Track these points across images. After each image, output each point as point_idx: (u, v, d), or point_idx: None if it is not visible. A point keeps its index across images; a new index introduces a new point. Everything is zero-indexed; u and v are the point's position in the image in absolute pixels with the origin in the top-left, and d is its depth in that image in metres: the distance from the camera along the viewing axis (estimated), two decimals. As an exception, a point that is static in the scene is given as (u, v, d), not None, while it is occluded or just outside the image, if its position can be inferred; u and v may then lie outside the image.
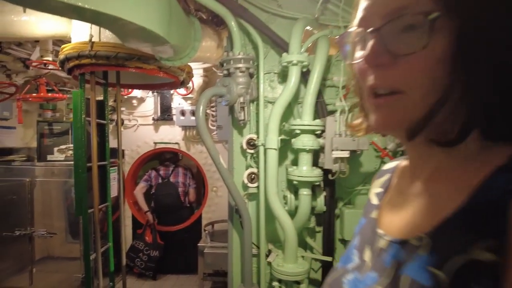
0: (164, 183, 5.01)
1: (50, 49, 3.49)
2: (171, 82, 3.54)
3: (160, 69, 2.92)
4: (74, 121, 3.00)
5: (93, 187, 3.09)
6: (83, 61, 2.74)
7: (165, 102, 4.92)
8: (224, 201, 4.91)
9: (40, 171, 4.27)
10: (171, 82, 3.54)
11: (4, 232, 4.23)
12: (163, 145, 5.02)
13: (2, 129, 4.70)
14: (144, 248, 4.82)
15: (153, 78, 3.60)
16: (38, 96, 3.63)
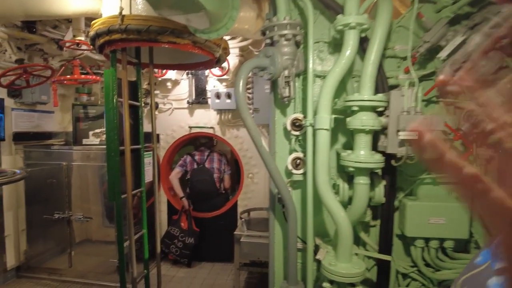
0: (199, 169, 4.85)
1: (82, 28, 3.36)
2: (206, 61, 3.30)
3: (195, 44, 2.67)
4: (106, 102, 2.84)
5: (126, 171, 2.93)
6: (113, 36, 2.55)
7: (200, 84, 4.71)
8: (260, 188, 4.67)
9: (76, 155, 4.25)
10: (206, 61, 3.30)
11: (45, 215, 4.28)
12: (198, 129, 4.84)
13: (42, 113, 4.73)
14: (179, 235, 4.71)
15: (187, 57, 3.39)
16: (72, 78, 3.53)
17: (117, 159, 2.88)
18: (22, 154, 4.35)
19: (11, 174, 1.80)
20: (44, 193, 4.36)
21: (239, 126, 4.71)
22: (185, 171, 4.94)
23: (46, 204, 4.35)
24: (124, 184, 3.01)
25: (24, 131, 4.43)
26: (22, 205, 4.43)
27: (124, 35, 2.50)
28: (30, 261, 4.48)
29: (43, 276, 4.38)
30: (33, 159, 4.36)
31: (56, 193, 4.29)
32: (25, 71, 3.50)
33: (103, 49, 2.81)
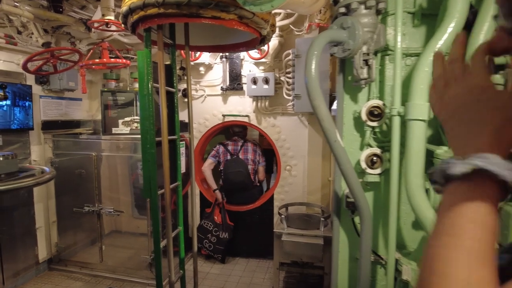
0: (233, 160, 4.55)
1: (111, 7, 3.05)
2: (247, 40, 2.93)
3: (241, 20, 2.31)
4: (140, 87, 2.53)
5: (163, 165, 2.64)
6: (149, 11, 2.22)
7: (235, 69, 4.35)
8: (299, 181, 4.33)
9: (105, 145, 4.02)
10: (249, 41, 2.93)
11: (75, 207, 4.11)
12: (232, 118, 4.50)
13: (69, 100, 4.52)
14: (213, 229, 4.46)
15: (225, 36, 3.04)
16: (101, 62, 3.25)
17: (153, 151, 2.60)
18: (51, 143, 4.17)
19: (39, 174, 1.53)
20: (74, 184, 4.18)
21: (276, 114, 4.34)
22: (217, 162, 4.65)
23: (75, 196, 4.18)
24: (160, 178, 2.73)
25: (53, 119, 4.24)
26: (52, 196, 4.28)
27: (161, 9, 2.17)
28: (61, 253, 4.36)
29: (74, 270, 4.24)
30: (61, 148, 4.17)
31: (85, 184, 4.10)
32: (52, 55, 3.24)
33: (136, 27, 2.49)
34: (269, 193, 4.66)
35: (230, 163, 4.53)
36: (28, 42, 3.63)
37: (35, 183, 1.34)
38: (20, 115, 3.70)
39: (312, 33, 3.94)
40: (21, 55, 3.70)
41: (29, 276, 4.05)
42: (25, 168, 1.69)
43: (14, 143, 3.77)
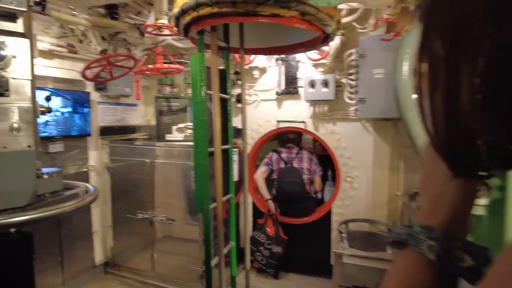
0: (287, 169, 4.26)
1: (164, 10, 2.94)
2: (309, 40, 2.64)
3: (303, 17, 2.03)
4: (193, 94, 2.35)
5: (216, 177, 2.44)
6: (201, 11, 2.02)
7: (291, 72, 4.07)
8: (361, 195, 3.92)
9: (159, 152, 3.97)
10: (309, 41, 2.64)
11: (128, 214, 4.11)
12: (287, 124, 4.22)
13: (125, 106, 4.57)
14: (265, 242, 4.21)
15: (282, 36, 2.78)
16: (154, 67, 3.17)
17: (206, 163, 2.40)
18: (108, 149, 4.23)
19: (82, 194, 1.39)
20: (128, 190, 4.20)
21: (336, 120, 3.97)
22: (270, 170, 4.40)
23: (130, 202, 4.20)
24: (212, 189, 2.53)
25: (109, 125, 4.31)
26: (109, 201, 4.34)
27: (215, 9, 1.97)
28: (115, 258, 4.41)
29: (127, 275, 4.26)
30: (117, 154, 4.21)
31: (139, 191, 4.09)
32: (108, 62, 3.24)
33: (188, 30, 2.32)
34: (326, 206, 4.30)
35: (284, 172, 4.25)
36: (87, 50, 3.69)
37: (75, 208, 1.19)
38: (80, 122, 3.78)
39: (378, 30, 3.52)
40: (82, 63, 3.77)
41: (86, 278, 4.14)
42: (70, 185, 1.57)
43: (74, 149, 3.87)
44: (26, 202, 1.29)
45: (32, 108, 1.27)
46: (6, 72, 1.20)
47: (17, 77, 1.23)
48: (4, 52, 1.20)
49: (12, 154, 1.22)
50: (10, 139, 1.22)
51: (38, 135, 1.29)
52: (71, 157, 3.84)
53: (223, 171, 2.70)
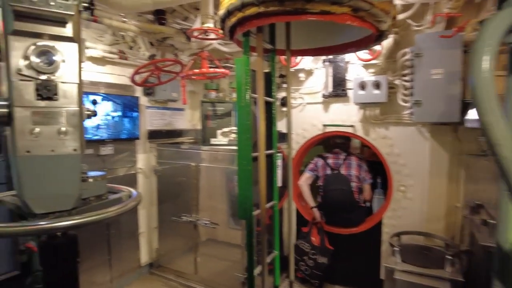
0: (334, 176, 4.06)
1: (210, 14, 2.93)
2: (360, 39, 2.47)
3: (356, 13, 1.88)
4: (238, 98, 2.29)
5: (259, 184, 2.35)
6: (247, 11, 1.95)
7: (339, 73, 3.88)
8: (416, 206, 3.62)
9: (204, 156, 3.98)
10: (361, 40, 2.46)
11: (173, 216, 4.17)
12: (334, 128, 4.04)
13: (173, 110, 4.66)
14: (310, 251, 4.04)
15: (332, 36, 2.64)
16: (200, 72, 3.17)
17: (250, 168, 2.32)
18: (155, 152, 4.34)
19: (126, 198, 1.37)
20: (174, 193, 4.28)
21: (388, 124, 3.72)
22: (316, 176, 4.22)
23: (175, 204, 4.27)
24: (255, 196, 2.45)
25: (157, 129, 4.42)
26: (155, 203, 4.44)
27: (261, 8, 1.88)
28: (160, 259, 4.49)
29: (171, 278, 4.31)
30: (164, 157, 4.30)
31: (184, 194, 4.14)
32: (156, 67, 3.30)
33: (234, 32, 2.26)
34: (376, 216, 4.03)
35: (330, 179, 4.06)
36: (137, 56, 3.80)
37: (117, 214, 1.16)
38: (129, 125, 3.90)
39: (436, 27, 3.23)
40: (131, 69, 3.90)
41: (132, 278, 4.25)
42: (114, 189, 1.57)
43: (123, 152, 4.01)
44: (72, 206, 1.29)
45: (78, 111, 1.27)
46: (55, 76, 1.21)
47: (65, 81, 1.24)
48: (55, 57, 1.20)
49: (59, 157, 1.23)
50: (58, 143, 1.22)
51: (84, 138, 1.28)
52: (121, 160, 3.97)
53: (267, 176, 2.61)
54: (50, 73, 1.20)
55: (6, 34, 1.16)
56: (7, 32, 1.15)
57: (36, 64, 1.17)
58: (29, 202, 1.20)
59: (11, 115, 1.16)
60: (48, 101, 1.20)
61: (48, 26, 1.20)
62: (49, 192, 1.23)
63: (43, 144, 1.20)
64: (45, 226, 1.05)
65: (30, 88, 1.18)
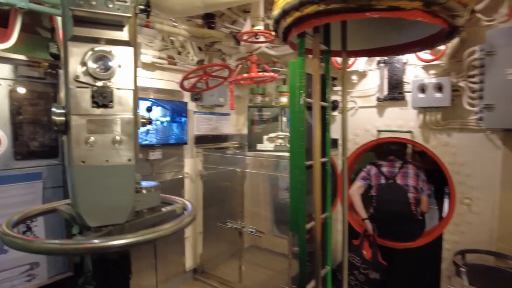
0: (388, 185, 3.77)
1: (261, 16, 2.83)
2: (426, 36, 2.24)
3: (428, 7, 1.68)
4: (291, 103, 2.15)
5: (314, 195, 2.20)
6: (306, 10, 1.81)
7: (395, 75, 3.61)
8: (483, 221, 3.26)
9: (250, 161, 3.90)
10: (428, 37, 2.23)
11: (218, 222, 4.12)
12: (390, 134, 3.76)
13: (219, 115, 4.64)
14: (361, 266, 3.78)
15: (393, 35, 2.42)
16: (248, 76, 3.08)
17: (303, 178, 2.17)
18: (201, 157, 4.33)
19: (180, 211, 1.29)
20: (219, 198, 4.24)
21: (451, 130, 3.38)
22: (368, 185, 3.95)
23: (220, 210, 4.22)
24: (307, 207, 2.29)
25: (204, 134, 4.42)
26: (200, 207, 4.42)
27: (321, 6, 1.73)
28: (204, 265, 4.46)
29: (215, 284, 4.25)
30: (210, 162, 4.29)
31: (229, 200, 4.08)
32: (204, 72, 3.27)
33: (288, 34, 2.13)
34: (435, 230, 3.69)
35: (385, 189, 3.77)
36: (185, 61, 3.81)
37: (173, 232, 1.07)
38: (177, 130, 3.92)
39: (511, 21, 2.88)
40: (179, 74, 3.92)
41: (177, 282, 4.25)
42: (167, 199, 1.50)
43: (171, 156, 4.03)
44: (125, 219, 1.23)
45: (133, 119, 1.20)
46: (111, 82, 1.15)
47: (120, 87, 1.19)
48: (111, 62, 1.15)
49: (113, 168, 1.17)
50: (112, 152, 1.17)
51: (138, 148, 1.21)
52: (169, 164, 4.00)
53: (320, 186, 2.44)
54: (106, 79, 1.15)
55: (66, 40, 1.12)
56: (66, 39, 1.12)
57: (93, 70, 1.13)
58: (83, 215, 1.16)
59: (68, 123, 1.12)
60: (103, 109, 1.15)
61: (105, 30, 1.15)
62: (103, 205, 1.17)
63: (98, 154, 1.15)
64: (99, 245, 0.98)
65: (86, 95, 1.14)
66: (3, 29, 2.54)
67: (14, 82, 2.65)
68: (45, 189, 2.78)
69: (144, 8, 1.22)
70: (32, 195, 2.71)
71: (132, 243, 1.01)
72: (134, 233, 1.03)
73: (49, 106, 2.90)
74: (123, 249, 1.05)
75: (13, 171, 2.63)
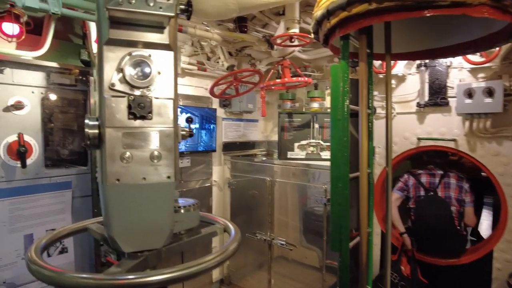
0: (429, 198, 3.51)
1: (296, 18, 2.68)
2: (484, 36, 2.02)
3: (497, 3, 1.50)
4: (333, 111, 1.99)
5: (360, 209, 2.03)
6: (354, 10, 1.65)
7: (438, 79, 3.36)
8: (542, 239, 2.92)
9: (279, 171, 3.74)
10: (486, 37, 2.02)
11: (247, 233, 3.96)
12: (432, 142, 3.50)
13: (247, 122, 4.52)
14: (399, 283, 3.52)
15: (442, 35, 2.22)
16: (282, 81, 2.94)
17: (347, 192, 2.00)
18: (229, 165, 4.21)
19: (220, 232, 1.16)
20: (248, 207, 4.10)
21: (502, 139, 3.09)
22: (405, 196, 3.69)
23: (249, 220, 4.08)
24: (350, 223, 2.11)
25: (232, 141, 4.31)
26: (228, 216, 4.29)
27: (373, 4, 1.57)
28: (231, 276, 4.32)
29: (243, 297, 4.10)
30: (238, 170, 4.16)
31: (259, 210, 3.93)
32: (235, 78, 3.15)
33: (330, 36, 1.97)
34: (484, 247, 3.39)
35: (425, 202, 3.51)
36: (215, 67, 3.72)
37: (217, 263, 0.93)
38: (206, 138, 3.82)
39: None
40: (209, 80, 3.83)
41: (203, 293, 4.13)
42: (207, 219, 1.37)
43: (200, 164, 3.93)
44: (163, 244, 1.10)
45: (173, 132, 1.07)
46: (150, 90, 1.03)
47: (160, 96, 1.06)
48: (150, 68, 1.02)
49: (150, 187, 1.05)
50: (150, 169, 1.04)
51: (178, 163, 1.08)
52: (197, 172, 3.90)
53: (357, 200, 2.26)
54: (145, 87, 1.03)
55: (100, 45, 1.01)
56: (101, 43, 1.01)
57: (131, 77, 1.01)
58: (117, 239, 1.04)
59: (102, 137, 1.01)
60: (141, 121, 1.03)
61: (143, 33, 1.03)
62: (139, 228, 1.05)
63: (134, 171, 1.03)
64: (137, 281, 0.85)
65: (122, 106, 1.02)
66: (37, 37, 2.52)
67: (46, 90, 2.62)
68: (74, 198, 2.73)
69: (186, 8, 1.09)
70: (61, 204, 2.66)
71: (173, 279, 0.87)
72: (175, 267, 0.90)
73: (79, 112, 2.89)
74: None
75: (43, 180, 2.59)
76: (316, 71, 4.15)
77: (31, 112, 2.53)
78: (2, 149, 2.39)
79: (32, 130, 2.54)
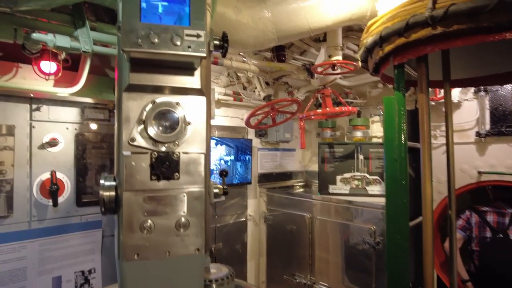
0: (497, 241, 3.04)
1: (339, 44, 2.48)
2: None
3: None
4: (389, 148, 1.71)
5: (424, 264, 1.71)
6: (414, 35, 1.43)
7: (501, 105, 2.98)
8: None
9: (320, 207, 3.43)
10: None
11: (285, 275, 3.65)
12: (497, 176, 3.07)
13: (284, 151, 4.30)
14: None
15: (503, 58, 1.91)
16: (323, 112, 2.71)
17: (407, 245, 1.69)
18: (265, 197, 3.97)
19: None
20: (285, 245, 3.78)
21: None
22: (468, 237, 3.24)
23: (286, 260, 3.75)
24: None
25: (268, 172, 4.09)
26: (264, 253, 4.01)
27: (438, 29, 1.33)
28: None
29: None
30: (275, 204, 3.90)
31: (297, 249, 3.60)
32: (272, 108, 2.97)
33: (382, 65, 1.73)
34: None
35: (492, 246, 3.04)
36: (251, 97, 3.58)
37: None
38: (241, 170, 3.64)
39: None
40: (244, 110, 3.69)
41: (239, 337, 3.81)
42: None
43: (234, 197, 3.74)
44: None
45: (204, 193, 0.88)
46: (177, 145, 0.85)
47: (189, 151, 0.87)
48: (177, 119, 0.85)
49: (176, 262, 0.85)
50: (175, 240, 0.86)
51: (210, 231, 0.88)
52: (231, 206, 3.71)
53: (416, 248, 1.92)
54: (171, 141, 0.86)
55: (120, 92, 0.86)
56: (120, 90, 0.86)
57: (154, 131, 0.85)
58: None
59: (119, 201, 0.84)
60: (166, 181, 0.85)
61: (170, 76, 0.87)
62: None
63: (157, 244, 0.84)
64: None
65: (144, 164, 0.85)
66: (74, 73, 2.51)
67: (80, 126, 2.58)
68: (104, 237, 2.61)
69: (221, 43, 0.92)
70: (91, 244, 2.55)
71: None
72: None
73: (112, 148, 2.84)
74: None
75: (74, 218, 2.51)
76: (359, 98, 3.88)
77: (65, 149, 2.49)
78: (35, 187, 2.34)
79: (65, 167, 2.49)
